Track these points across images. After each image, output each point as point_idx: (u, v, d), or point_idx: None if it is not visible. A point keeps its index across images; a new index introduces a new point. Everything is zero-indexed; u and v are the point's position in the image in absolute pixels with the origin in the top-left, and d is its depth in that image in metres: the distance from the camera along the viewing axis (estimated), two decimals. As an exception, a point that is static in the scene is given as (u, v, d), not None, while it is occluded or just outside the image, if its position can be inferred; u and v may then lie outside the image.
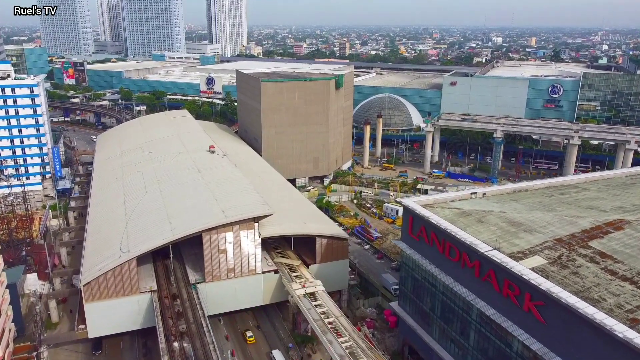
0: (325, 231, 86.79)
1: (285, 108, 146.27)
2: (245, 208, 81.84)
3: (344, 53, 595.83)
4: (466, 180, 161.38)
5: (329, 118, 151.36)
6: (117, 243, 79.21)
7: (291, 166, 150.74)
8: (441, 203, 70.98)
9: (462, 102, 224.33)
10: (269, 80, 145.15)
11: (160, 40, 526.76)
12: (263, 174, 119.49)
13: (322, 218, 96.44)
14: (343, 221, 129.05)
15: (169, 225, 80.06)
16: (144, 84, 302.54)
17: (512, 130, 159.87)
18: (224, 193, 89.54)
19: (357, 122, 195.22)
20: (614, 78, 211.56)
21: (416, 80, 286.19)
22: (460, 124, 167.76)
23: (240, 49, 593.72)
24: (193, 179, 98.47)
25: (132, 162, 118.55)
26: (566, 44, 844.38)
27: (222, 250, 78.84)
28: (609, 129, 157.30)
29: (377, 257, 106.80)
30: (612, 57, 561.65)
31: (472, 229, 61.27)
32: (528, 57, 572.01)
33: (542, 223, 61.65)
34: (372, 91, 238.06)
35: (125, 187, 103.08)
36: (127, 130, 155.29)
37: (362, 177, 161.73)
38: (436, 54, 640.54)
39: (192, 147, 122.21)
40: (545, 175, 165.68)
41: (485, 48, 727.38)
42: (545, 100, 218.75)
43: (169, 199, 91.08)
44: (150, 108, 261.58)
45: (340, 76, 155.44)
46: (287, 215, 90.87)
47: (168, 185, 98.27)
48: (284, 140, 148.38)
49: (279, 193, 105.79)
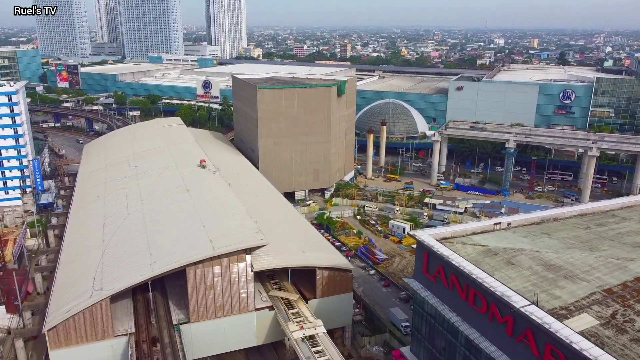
0: (327, 262, 77.14)
1: (284, 117, 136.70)
2: (236, 237, 72.21)
3: (345, 55, 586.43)
4: (476, 193, 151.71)
5: (330, 127, 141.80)
6: (89, 278, 69.59)
7: (290, 179, 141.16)
8: (461, 237, 61.34)
9: (469, 107, 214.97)
10: (266, 87, 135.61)
11: (158, 41, 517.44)
12: (258, 190, 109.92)
13: (322, 245, 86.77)
14: (345, 240, 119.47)
15: (148, 257, 70.41)
16: (139, 87, 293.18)
17: (526, 140, 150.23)
18: (213, 218, 79.93)
19: (359, 129, 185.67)
20: (629, 83, 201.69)
21: (420, 84, 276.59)
22: (469, 133, 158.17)
23: (239, 50, 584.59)
24: (180, 200, 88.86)
25: (116, 178, 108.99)
26: (569, 45, 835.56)
27: (209, 286, 69.22)
28: (629, 139, 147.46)
29: (384, 285, 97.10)
30: (618, 60, 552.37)
31: (502, 273, 51.63)
32: (532, 59, 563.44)
33: (584, 267, 52.01)
34: (375, 96, 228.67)
35: (106, 208, 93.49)
36: (114, 140, 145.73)
37: (366, 190, 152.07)
38: (438, 55, 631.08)
39: (181, 161, 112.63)
40: (560, 187, 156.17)
41: (488, 50, 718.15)
42: (557, 106, 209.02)
43: (151, 223, 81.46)
44: (145, 113, 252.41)
45: (343, 82, 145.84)
46: (284, 241, 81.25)
47: (152, 206, 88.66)
48: (282, 151, 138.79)
49: (275, 214, 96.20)
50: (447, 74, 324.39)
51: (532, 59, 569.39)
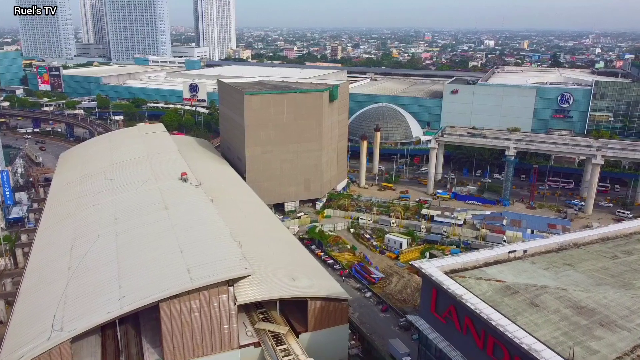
0: (320, 291, 69.20)
1: (273, 124, 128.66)
2: (217, 266, 64.11)
3: (336, 56, 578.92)
4: (475, 202, 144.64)
5: (322, 134, 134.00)
6: (49, 314, 61.13)
7: (279, 189, 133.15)
8: (473, 269, 53.77)
9: (464, 111, 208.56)
10: (254, 93, 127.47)
11: (145, 43, 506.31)
12: (244, 205, 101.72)
13: (314, 269, 78.81)
14: (339, 257, 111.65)
15: (117, 290, 62.07)
16: (124, 90, 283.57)
17: (527, 147, 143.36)
18: (193, 241, 71.69)
19: (351, 134, 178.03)
20: (628, 87, 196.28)
21: (413, 87, 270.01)
22: (467, 140, 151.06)
23: (228, 52, 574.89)
24: (157, 220, 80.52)
25: (90, 192, 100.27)
26: (559, 47, 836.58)
27: (187, 323, 61.04)
28: (634, 145, 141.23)
29: (382, 310, 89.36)
30: (609, 61, 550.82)
31: (525, 318, 44.06)
32: (523, 60, 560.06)
33: (621, 310, 44.65)
34: (368, 100, 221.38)
35: (77, 227, 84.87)
36: (92, 148, 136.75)
37: (359, 200, 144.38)
38: (430, 57, 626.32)
39: (162, 173, 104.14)
40: (561, 195, 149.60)
41: (479, 51, 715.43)
42: (554, 110, 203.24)
43: (124, 248, 73.05)
44: (129, 117, 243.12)
45: (335, 87, 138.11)
46: (272, 266, 73.20)
47: (126, 226, 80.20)
48: (271, 160, 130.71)
49: (262, 233, 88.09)
50: (439, 76, 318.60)
51: (523, 60, 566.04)
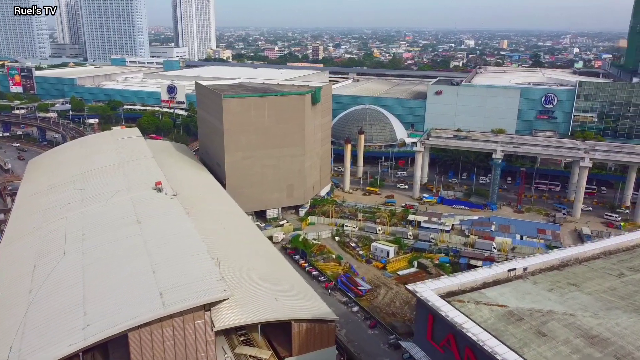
0: (305, 312, 64.37)
1: (254, 128, 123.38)
2: (193, 288, 58.82)
3: (318, 56, 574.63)
4: (462, 207, 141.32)
5: (305, 139, 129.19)
6: (6, 345, 55.22)
7: (261, 196, 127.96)
8: (471, 291, 49.53)
9: (448, 113, 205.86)
10: (233, 96, 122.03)
11: (122, 43, 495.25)
12: (223, 216, 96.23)
13: (299, 287, 73.87)
14: (323, 267, 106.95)
15: (82, 317, 56.39)
16: (99, 92, 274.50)
17: (514, 150, 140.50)
18: (167, 259, 66.24)
19: (334, 136, 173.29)
20: (612, 87, 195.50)
21: (396, 87, 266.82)
22: (454, 143, 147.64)
23: (208, 52, 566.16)
24: (128, 235, 74.76)
25: (57, 204, 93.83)
26: (537, 46, 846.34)
27: (159, 353, 55.69)
28: (620, 147, 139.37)
29: (370, 326, 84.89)
30: (587, 61, 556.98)
31: (534, 351, 39.87)
32: (504, 60, 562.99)
33: (636, 339, 40.82)
34: (351, 101, 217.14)
35: (41, 244, 78.62)
36: (63, 155, 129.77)
37: (344, 205, 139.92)
38: (411, 57, 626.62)
39: (135, 182, 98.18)
40: (548, 198, 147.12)
41: (460, 51, 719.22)
42: (539, 111, 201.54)
43: (91, 267, 67.24)
44: (105, 120, 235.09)
45: (317, 89, 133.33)
46: (253, 285, 68.05)
47: (94, 243, 74.31)
48: (253, 166, 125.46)
49: (243, 247, 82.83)
50: (422, 76, 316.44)
51: (504, 60, 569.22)
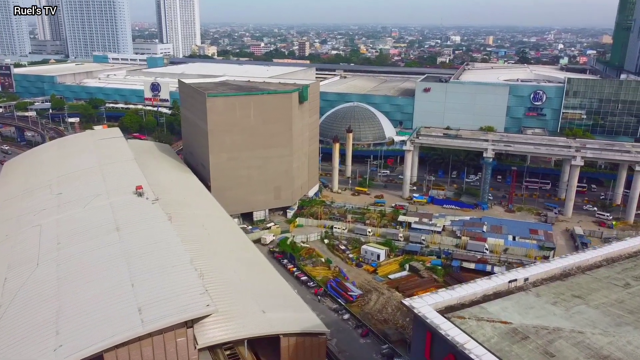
0: (294, 325, 61.05)
1: (239, 128, 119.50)
2: (174, 303, 55.14)
3: (304, 53, 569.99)
4: (452, 207, 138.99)
5: (292, 139, 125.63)
6: (-29, 369, 51.18)
7: (247, 198, 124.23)
8: (471, 305, 46.52)
9: (436, 110, 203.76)
10: (217, 95, 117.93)
11: (105, 39, 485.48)
12: (207, 220, 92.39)
13: (288, 297, 70.50)
14: (313, 272, 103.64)
15: (54, 337, 52.46)
16: (81, 90, 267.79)
17: (505, 149, 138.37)
18: (147, 271, 62.43)
19: (322, 135, 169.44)
20: (600, 84, 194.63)
21: (384, 84, 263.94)
22: (444, 142, 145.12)
23: (193, 48, 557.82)
24: (106, 244, 70.69)
25: (32, 209, 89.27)
26: (522, 42, 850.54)
27: (139, 373, 52.02)
28: (611, 145, 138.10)
29: (362, 334, 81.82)
30: (572, 57, 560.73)
31: (542, 374, 36.97)
32: (490, 56, 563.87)
33: (650, 359, 38.05)
34: (338, 98, 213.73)
35: (13, 254, 74.22)
36: (40, 157, 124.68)
37: (333, 206, 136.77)
38: (398, 53, 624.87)
39: (115, 186, 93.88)
40: (539, 197, 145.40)
41: (446, 47, 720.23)
42: (527, 109, 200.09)
43: (66, 280, 63.18)
44: (86, 119, 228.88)
45: (305, 88, 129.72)
46: (239, 298, 64.54)
47: (70, 253, 70.15)
48: (238, 167, 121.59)
49: (228, 255, 79.16)
50: (409, 73, 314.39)
51: (490, 56, 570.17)
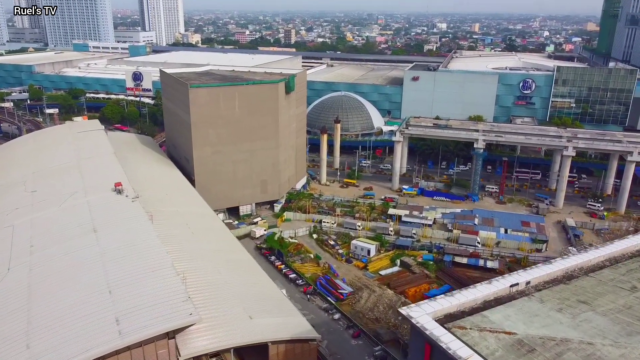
0: (283, 331, 57.93)
1: (223, 120, 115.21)
2: (155, 312, 51.60)
3: (290, 41, 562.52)
4: (442, 198, 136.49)
5: (279, 131, 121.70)
6: None
7: (233, 192, 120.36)
8: (472, 312, 43.76)
9: (425, 99, 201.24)
10: (200, 86, 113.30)
11: (85, 27, 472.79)
12: (192, 219, 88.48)
13: (276, 300, 67.28)
14: (301, 269, 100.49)
15: (25, 351, 48.69)
16: (60, 80, 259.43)
17: (496, 139, 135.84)
18: (125, 276, 58.67)
19: (309, 125, 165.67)
20: (590, 72, 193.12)
21: (371, 73, 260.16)
22: (434, 133, 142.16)
23: (176, 36, 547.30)
24: (82, 247, 66.66)
25: (5, 209, 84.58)
26: (508, 30, 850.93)
27: (117, 388, 48.57)
28: (603, 135, 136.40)
29: (353, 335, 78.99)
30: (558, 44, 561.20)
31: (552, 392, 34.32)
32: (477, 44, 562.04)
33: (666, 374, 35.61)
34: (325, 88, 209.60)
35: (-17, 257, 69.78)
36: (14, 152, 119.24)
37: (321, 199, 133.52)
38: (384, 41, 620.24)
39: (93, 183, 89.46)
40: (529, 188, 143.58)
41: (432, 35, 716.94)
42: (516, 97, 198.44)
43: (38, 287, 59.18)
44: (66, 110, 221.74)
45: (291, 77, 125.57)
46: (225, 304, 61.12)
47: (44, 256, 66.02)
48: (223, 161, 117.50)
49: (213, 255, 75.47)
50: (397, 61, 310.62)
51: (477, 43, 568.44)
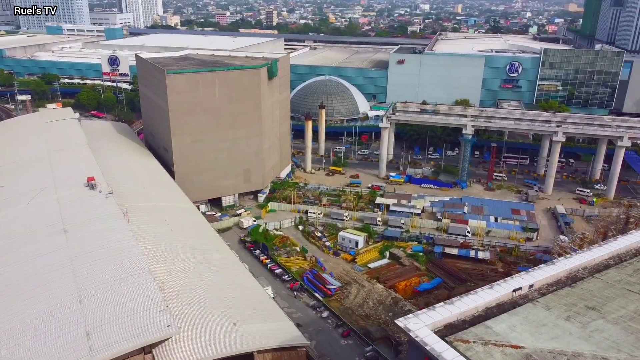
0: (269, 339, 54.25)
1: (203, 108, 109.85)
2: (129, 324, 47.44)
3: (272, 22, 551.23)
4: (430, 186, 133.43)
5: (261, 118, 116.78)
6: None
7: (215, 183, 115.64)
8: (474, 322, 40.46)
9: (411, 83, 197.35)
10: (178, 72, 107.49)
11: (59, 8, 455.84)
12: (170, 214, 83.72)
13: (262, 303, 63.41)
14: (288, 263, 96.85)
15: (-15, 372, 44.34)
16: (32, 65, 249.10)
17: (485, 125, 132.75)
18: (97, 283, 54.25)
19: (293, 111, 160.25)
20: (576, 54, 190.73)
21: (355, 55, 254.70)
22: (422, 118, 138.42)
23: (154, 18, 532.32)
24: (51, 249, 61.84)
25: (-31, 206, 78.93)
26: (491, 11, 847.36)
27: (89, 409, 44.49)
28: (592, 120, 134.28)
29: (343, 335, 75.80)
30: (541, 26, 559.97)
31: (567, 417, 31.23)
32: (460, 25, 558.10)
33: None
34: (309, 71, 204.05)
35: (-56, 261, 64.54)
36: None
37: (306, 189, 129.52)
38: (367, 22, 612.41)
39: (64, 177, 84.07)
40: (518, 173, 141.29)
41: (416, 16, 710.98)
42: (503, 80, 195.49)
43: (1, 296, 54.40)
44: (39, 96, 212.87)
45: (274, 62, 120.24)
46: (207, 310, 57.09)
47: (9, 261, 61.08)
48: (204, 150, 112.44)
49: (194, 255, 71.09)
50: (381, 43, 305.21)
51: (460, 25, 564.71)
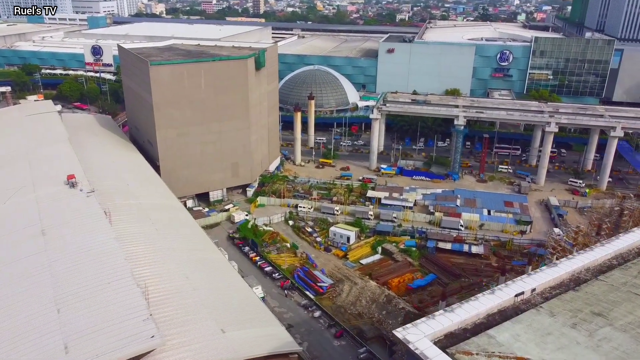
0: (259, 345, 51.81)
1: (189, 100, 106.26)
2: (110, 334, 44.64)
3: (259, 10, 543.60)
4: (422, 178, 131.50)
5: (249, 110, 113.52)
6: None
7: (202, 177, 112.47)
8: (475, 331, 38.33)
9: (401, 72, 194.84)
10: (162, 63, 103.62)
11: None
12: (155, 212, 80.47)
13: (252, 306, 60.82)
14: (277, 260, 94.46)
15: (-46, 390, 41.42)
16: (12, 55, 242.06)
17: (477, 116, 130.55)
18: (77, 290, 51.30)
19: (281, 102, 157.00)
20: (567, 43, 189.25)
21: (344, 44, 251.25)
22: (413, 109, 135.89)
23: (139, 6, 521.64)
24: (28, 253, 58.65)
25: (-58, 206, 75.10)
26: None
27: None
28: (585, 110, 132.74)
29: (335, 335, 73.66)
30: (529, 13, 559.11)
31: None
32: (449, 13, 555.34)
33: None
34: (297, 61, 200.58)
35: None
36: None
37: (296, 182, 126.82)
38: (355, 10, 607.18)
39: (43, 175, 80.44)
40: (509, 164, 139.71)
41: (404, 3, 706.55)
42: (494, 69, 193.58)
43: (-25, 305, 51.34)
44: (20, 87, 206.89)
45: (262, 52, 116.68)
46: (194, 316, 54.40)
47: (-17, 266, 57.82)
48: (190, 143, 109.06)
49: (180, 256, 68.20)
50: (370, 32, 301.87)
51: (448, 12, 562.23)
